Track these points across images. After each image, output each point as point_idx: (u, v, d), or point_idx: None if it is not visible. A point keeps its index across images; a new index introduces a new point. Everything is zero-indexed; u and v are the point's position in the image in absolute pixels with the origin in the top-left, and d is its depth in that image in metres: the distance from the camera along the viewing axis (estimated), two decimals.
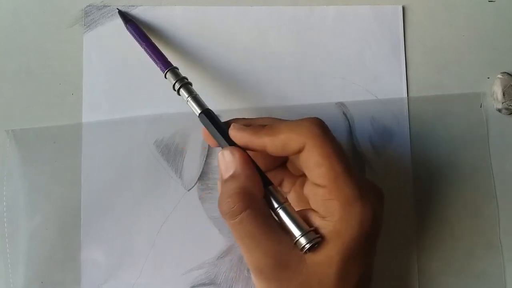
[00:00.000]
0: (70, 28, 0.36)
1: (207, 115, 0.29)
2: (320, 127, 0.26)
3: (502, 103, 0.37)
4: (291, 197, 0.30)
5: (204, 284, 0.34)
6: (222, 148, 0.28)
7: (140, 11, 0.36)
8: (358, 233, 0.25)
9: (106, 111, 0.35)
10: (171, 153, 0.35)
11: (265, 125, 0.28)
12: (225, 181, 0.27)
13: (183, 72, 0.32)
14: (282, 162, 0.31)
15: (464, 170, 0.37)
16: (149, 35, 0.34)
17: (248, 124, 0.29)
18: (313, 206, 0.27)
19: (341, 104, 0.37)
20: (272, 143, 0.27)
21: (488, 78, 0.38)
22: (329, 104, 0.37)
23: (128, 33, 0.35)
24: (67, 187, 0.34)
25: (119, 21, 0.36)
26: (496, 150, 0.37)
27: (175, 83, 0.31)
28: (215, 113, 0.30)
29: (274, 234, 0.26)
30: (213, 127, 0.29)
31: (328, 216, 0.25)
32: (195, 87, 0.31)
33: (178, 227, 0.35)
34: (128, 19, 0.35)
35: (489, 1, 0.39)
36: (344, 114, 0.37)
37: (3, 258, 0.33)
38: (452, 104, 0.37)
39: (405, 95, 0.37)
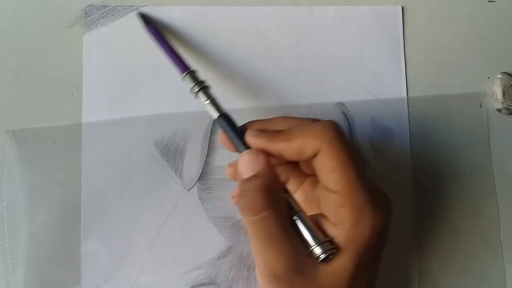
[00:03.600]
0: (70, 28, 0.36)
1: (225, 119, 0.29)
2: (335, 131, 0.26)
3: (502, 103, 0.37)
4: (299, 196, 0.30)
5: (204, 284, 0.34)
6: (240, 152, 0.28)
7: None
8: (369, 241, 0.25)
9: (106, 111, 0.35)
10: (171, 153, 0.35)
11: (280, 131, 0.27)
12: (247, 179, 0.27)
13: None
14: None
15: (464, 170, 0.37)
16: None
17: (263, 128, 0.29)
18: (323, 210, 0.26)
19: (341, 104, 0.37)
20: (288, 149, 0.26)
21: (488, 78, 0.38)
22: (329, 104, 0.37)
23: (127, 33, 0.35)
24: (67, 187, 0.34)
25: (119, 21, 0.36)
26: (496, 150, 0.37)
27: (193, 86, 0.31)
28: None
29: (292, 238, 0.25)
30: (230, 131, 0.29)
31: (339, 224, 0.25)
32: None
33: (178, 227, 0.35)
34: (148, 21, 0.35)
35: (489, 1, 0.39)
36: (344, 114, 0.37)
37: (3, 258, 0.33)
38: (452, 104, 0.37)
39: (405, 95, 0.37)
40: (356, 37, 0.37)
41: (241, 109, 0.36)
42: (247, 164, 0.27)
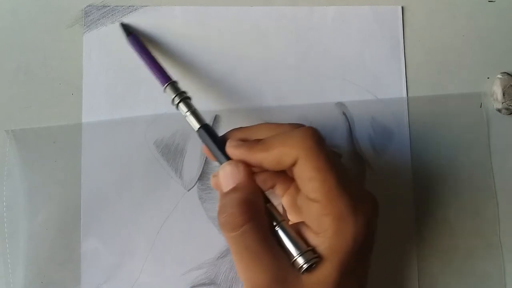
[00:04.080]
0: (70, 28, 0.36)
1: (206, 130, 0.29)
2: (312, 138, 0.26)
3: (502, 103, 0.37)
4: (285, 201, 0.30)
5: (204, 284, 0.34)
6: (220, 163, 0.28)
7: (140, 12, 0.36)
8: (352, 247, 0.25)
9: (106, 111, 0.35)
10: (171, 153, 0.35)
11: (259, 140, 0.27)
12: (226, 193, 0.27)
13: (182, 73, 0.32)
14: None
15: (464, 170, 0.37)
16: (150, 39, 0.34)
17: (244, 137, 0.28)
18: (305, 219, 0.26)
19: (341, 104, 0.37)
20: (267, 159, 0.26)
21: (488, 78, 0.38)
22: (329, 104, 0.37)
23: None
24: (67, 187, 0.34)
25: (119, 21, 0.36)
26: (496, 150, 0.37)
27: (174, 98, 0.31)
28: (217, 113, 0.30)
29: (274, 250, 0.25)
30: (211, 142, 0.29)
31: (321, 232, 0.25)
32: (194, 87, 0.31)
33: (178, 227, 0.35)
34: (130, 32, 0.35)
35: (489, 1, 0.39)
36: (344, 114, 0.37)
37: (3, 258, 0.33)
38: (452, 104, 0.37)
39: (405, 95, 0.37)
40: (356, 37, 0.37)
41: (240, 109, 0.36)
42: (227, 177, 0.27)
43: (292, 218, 0.30)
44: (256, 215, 0.25)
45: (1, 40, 0.35)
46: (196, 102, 0.31)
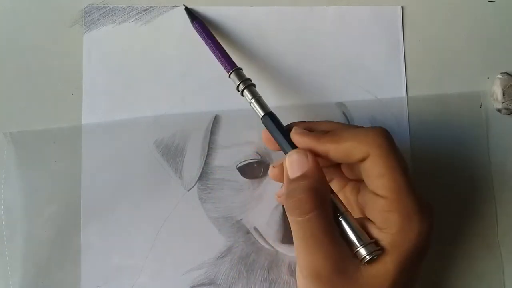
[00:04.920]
0: (70, 28, 0.36)
1: (270, 117, 0.29)
2: (385, 137, 0.26)
3: (502, 103, 0.37)
4: (345, 198, 0.30)
5: (204, 284, 0.34)
6: (284, 151, 0.28)
7: (141, 12, 0.36)
8: (415, 247, 0.25)
9: (106, 111, 0.35)
10: (171, 153, 0.35)
11: (327, 131, 0.28)
12: (294, 179, 0.27)
13: (182, 73, 0.32)
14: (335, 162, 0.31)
15: (463, 170, 0.37)
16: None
17: (309, 128, 0.29)
18: (369, 215, 0.27)
19: (341, 104, 0.37)
20: (336, 150, 0.27)
21: (488, 78, 0.38)
22: (329, 104, 0.37)
23: (127, 33, 0.35)
24: (67, 186, 0.34)
25: (119, 21, 0.36)
26: (496, 150, 0.37)
27: (239, 84, 0.31)
28: (217, 113, 0.30)
29: (336, 239, 0.26)
30: (276, 130, 0.29)
31: (386, 228, 0.25)
32: (194, 87, 0.31)
33: (178, 227, 0.35)
34: (195, 17, 0.35)
35: (489, 1, 0.39)
36: (344, 114, 0.37)
37: (2, 259, 0.33)
38: (451, 104, 0.37)
39: (404, 94, 0.37)
40: (356, 37, 0.37)
41: (240, 109, 0.36)
42: (294, 164, 0.27)
43: None
44: (322, 204, 0.26)
45: (1, 40, 0.35)
46: (196, 102, 0.31)
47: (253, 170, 0.35)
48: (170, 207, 0.35)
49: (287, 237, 0.35)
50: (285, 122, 0.30)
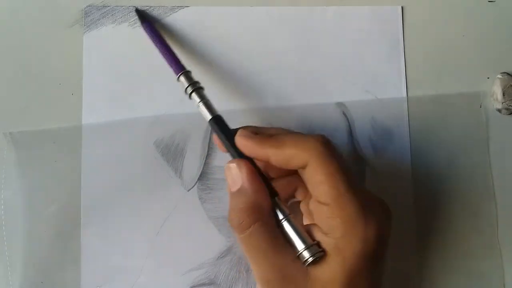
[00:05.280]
0: (70, 28, 0.36)
1: (217, 121, 0.29)
2: (324, 144, 0.26)
3: (502, 103, 0.37)
4: (303, 207, 0.31)
5: (204, 284, 0.34)
6: (231, 156, 0.28)
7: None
8: (361, 251, 0.25)
9: (106, 111, 0.35)
10: (171, 153, 0.35)
11: (271, 135, 0.28)
12: (232, 195, 0.27)
13: None
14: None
15: (463, 170, 0.37)
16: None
17: (256, 132, 0.29)
18: (317, 221, 0.27)
19: (341, 104, 0.37)
20: (276, 155, 0.27)
21: (488, 78, 0.38)
22: (329, 104, 0.37)
23: (127, 33, 0.35)
24: (67, 186, 0.34)
25: (119, 21, 0.36)
26: (496, 150, 0.37)
27: (187, 87, 0.31)
28: (216, 113, 0.30)
29: (281, 247, 0.26)
30: (222, 134, 0.29)
31: (330, 233, 0.26)
32: None
33: (178, 227, 0.35)
34: (145, 19, 0.35)
35: (489, 1, 0.39)
36: (344, 114, 0.37)
37: (2, 259, 0.33)
38: (451, 104, 0.37)
39: (404, 95, 0.37)
40: (356, 37, 0.37)
41: (240, 109, 0.36)
42: (231, 177, 0.28)
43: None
44: (261, 216, 0.26)
45: (1, 40, 0.35)
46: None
47: None
48: (170, 207, 0.35)
49: None
50: (285, 122, 0.30)
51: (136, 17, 0.35)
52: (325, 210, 0.26)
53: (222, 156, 0.35)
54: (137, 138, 0.35)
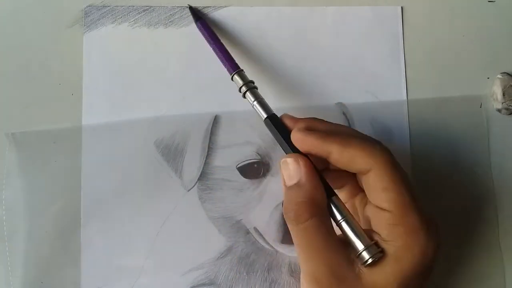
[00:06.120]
0: (70, 28, 0.36)
1: (272, 120, 0.30)
2: (390, 155, 0.26)
3: (502, 103, 0.37)
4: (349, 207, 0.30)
5: (204, 284, 0.34)
6: (286, 153, 0.28)
7: (141, 13, 0.36)
8: (418, 263, 0.25)
9: (106, 111, 0.35)
10: (171, 153, 0.35)
11: (332, 132, 0.27)
12: (289, 188, 0.27)
13: (182, 73, 0.32)
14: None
15: (464, 171, 0.37)
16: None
17: (311, 128, 0.28)
18: (375, 228, 0.27)
19: (341, 105, 0.37)
20: (340, 153, 0.26)
21: (488, 78, 0.38)
22: (329, 105, 0.37)
23: (127, 33, 0.35)
24: (67, 186, 0.34)
25: (119, 21, 0.36)
26: (496, 150, 0.37)
27: (241, 87, 0.31)
28: (216, 113, 0.30)
29: (335, 246, 0.26)
30: (277, 133, 0.29)
31: (391, 241, 0.25)
32: (194, 87, 0.31)
33: (178, 227, 0.35)
34: (199, 17, 0.35)
35: (489, 1, 0.39)
36: (344, 114, 0.37)
37: (3, 260, 0.33)
38: (452, 105, 0.37)
39: (404, 95, 0.37)
40: (356, 37, 0.37)
41: (240, 110, 0.36)
42: (287, 172, 0.27)
43: None
44: (318, 211, 0.26)
45: (1, 40, 0.35)
46: (196, 103, 0.31)
47: (253, 170, 0.35)
48: (170, 207, 0.35)
49: (287, 237, 0.35)
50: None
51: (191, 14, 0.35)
52: (387, 217, 0.25)
53: (222, 156, 0.35)
54: (137, 138, 0.35)
